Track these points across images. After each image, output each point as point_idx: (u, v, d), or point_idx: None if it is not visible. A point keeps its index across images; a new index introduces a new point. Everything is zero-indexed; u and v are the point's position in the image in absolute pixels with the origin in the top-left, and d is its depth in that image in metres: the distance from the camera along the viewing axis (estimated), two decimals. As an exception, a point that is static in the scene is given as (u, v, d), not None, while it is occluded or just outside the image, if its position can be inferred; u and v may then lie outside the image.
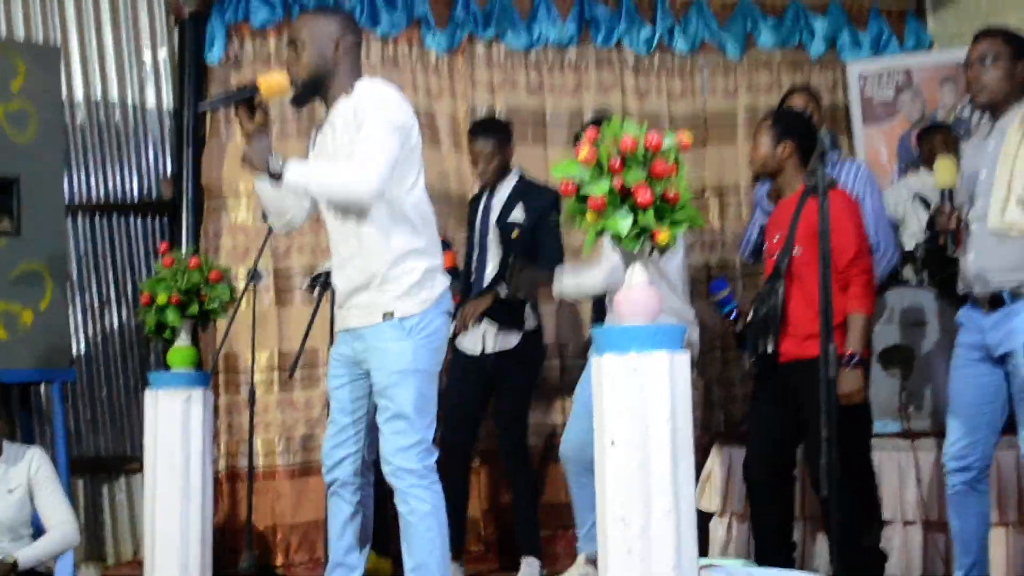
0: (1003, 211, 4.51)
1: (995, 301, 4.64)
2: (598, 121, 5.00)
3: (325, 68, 4.42)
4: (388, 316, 4.34)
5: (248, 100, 4.40)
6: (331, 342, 5.03)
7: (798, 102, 6.13)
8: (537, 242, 6.23)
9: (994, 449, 4.83)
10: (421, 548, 4.32)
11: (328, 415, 4.66)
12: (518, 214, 6.27)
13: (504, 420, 6.31)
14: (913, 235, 6.77)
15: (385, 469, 4.37)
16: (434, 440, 4.45)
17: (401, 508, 4.36)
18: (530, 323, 6.29)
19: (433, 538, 4.32)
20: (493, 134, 6.37)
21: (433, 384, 4.45)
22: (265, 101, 4.43)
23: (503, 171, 6.37)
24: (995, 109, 4.74)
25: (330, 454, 4.54)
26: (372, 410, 4.49)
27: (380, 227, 4.34)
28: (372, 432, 4.51)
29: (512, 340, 6.26)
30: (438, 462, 6.36)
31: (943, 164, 4.87)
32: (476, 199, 6.57)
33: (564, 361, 7.38)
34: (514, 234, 6.24)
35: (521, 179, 6.41)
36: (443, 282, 4.49)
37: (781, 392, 5.16)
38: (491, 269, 6.33)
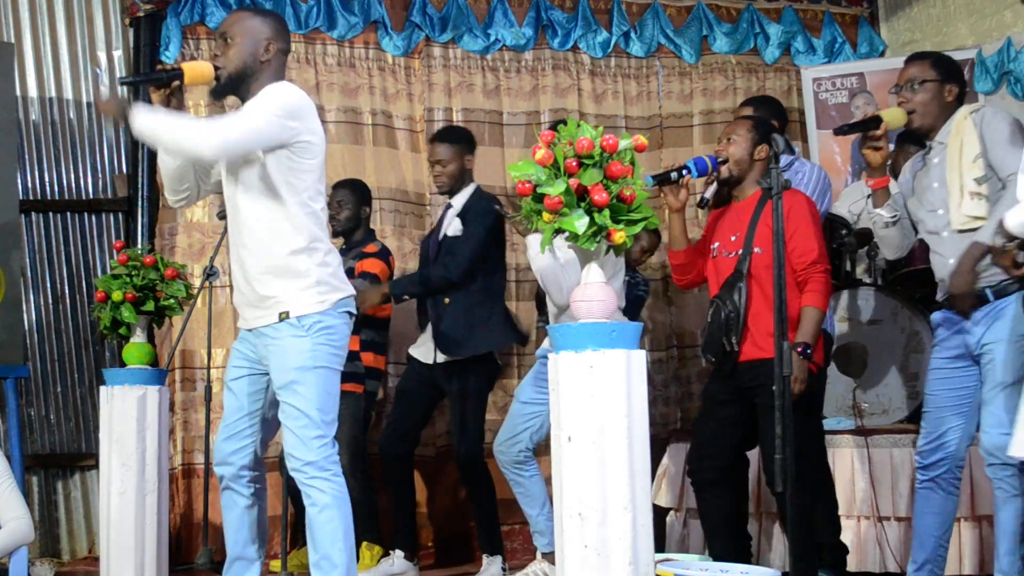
0: (959, 206, 4.62)
1: (978, 300, 4.71)
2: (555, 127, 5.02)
3: (251, 67, 4.45)
4: (284, 316, 4.37)
5: (168, 83, 4.42)
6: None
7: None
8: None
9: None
10: (324, 540, 4.32)
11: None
12: (456, 227, 6.26)
13: (456, 428, 6.29)
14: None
15: (288, 464, 4.38)
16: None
17: (305, 502, 4.36)
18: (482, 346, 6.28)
19: (335, 529, 4.31)
20: (451, 142, 6.35)
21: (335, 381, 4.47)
22: (185, 88, 4.47)
23: (460, 180, 6.34)
24: (929, 132, 4.85)
25: (221, 447, 4.55)
26: (268, 404, 4.55)
27: (272, 228, 4.38)
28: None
29: (463, 352, 6.25)
30: (382, 468, 6.42)
31: (892, 110, 4.92)
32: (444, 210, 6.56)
33: (521, 359, 7.41)
34: None
35: (476, 192, 6.36)
36: (342, 288, 4.52)
37: (736, 391, 5.21)
38: None
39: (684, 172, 5.20)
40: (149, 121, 4.26)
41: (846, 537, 5.74)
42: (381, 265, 6.48)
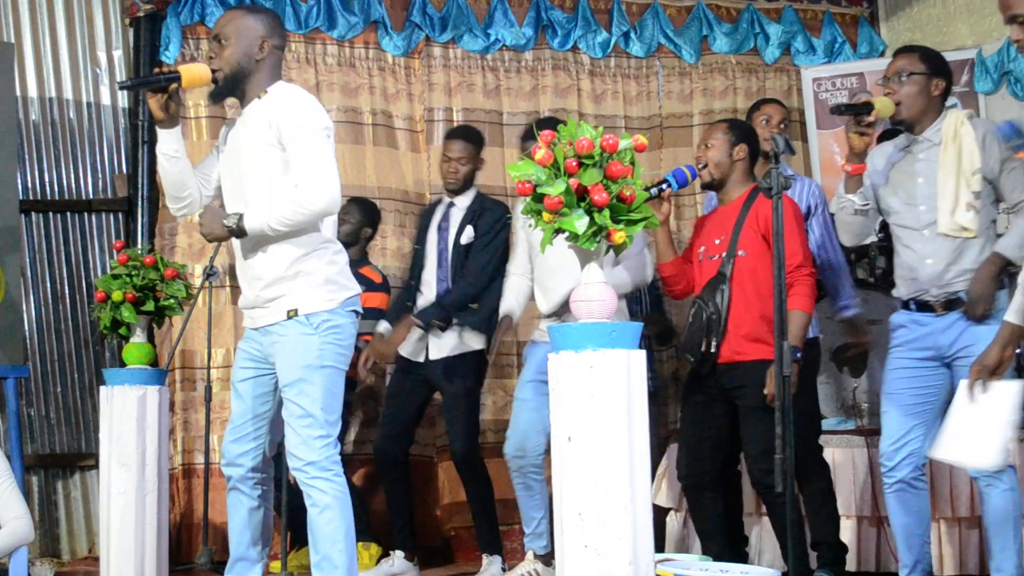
0: (952, 213, 4.63)
1: (951, 303, 4.71)
2: (544, 124, 4.99)
3: (247, 66, 4.47)
4: (292, 313, 4.40)
5: (166, 87, 4.45)
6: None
7: (771, 111, 6.13)
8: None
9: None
10: (324, 541, 4.34)
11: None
12: (469, 234, 6.28)
13: (452, 426, 6.32)
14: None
15: (289, 463, 4.41)
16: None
17: (306, 502, 4.38)
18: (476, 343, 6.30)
19: (335, 531, 4.34)
20: (469, 141, 6.39)
21: (340, 381, 4.49)
22: (183, 91, 4.52)
23: (469, 181, 6.36)
24: (913, 125, 4.85)
25: (229, 449, 4.58)
26: (276, 406, 4.56)
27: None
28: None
29: (456, 348, 6.27)
30: (377, 467, 6.42)
31: (883, 99, 4.89)
32: (432, 208, 6.56)
33: (521, 359, 7.38)
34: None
35: (478, 196, 6.40)
36: (350, 286, 4.54)
37: (717, 393, 5.23)
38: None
39: (664, 186, 5.20)
40: (261, 221, 4.33)
41: (846, 537, 5.74)
42: (382, 297, 6.51)
